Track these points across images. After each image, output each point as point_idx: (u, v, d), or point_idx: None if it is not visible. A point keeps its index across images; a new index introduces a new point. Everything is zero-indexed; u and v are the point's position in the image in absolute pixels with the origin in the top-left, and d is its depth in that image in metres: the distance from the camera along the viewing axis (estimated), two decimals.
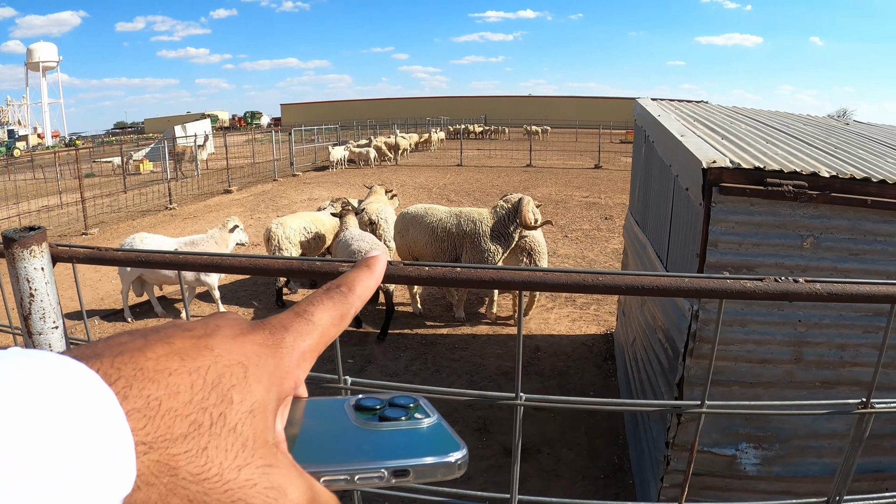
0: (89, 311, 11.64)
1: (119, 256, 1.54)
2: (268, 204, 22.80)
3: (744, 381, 4.54)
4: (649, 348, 6.02)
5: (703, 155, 4.49)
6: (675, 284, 1.13)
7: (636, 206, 8.10)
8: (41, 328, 1.48)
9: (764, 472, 4.72)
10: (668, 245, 5.79)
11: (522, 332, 5.39)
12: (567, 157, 36.33)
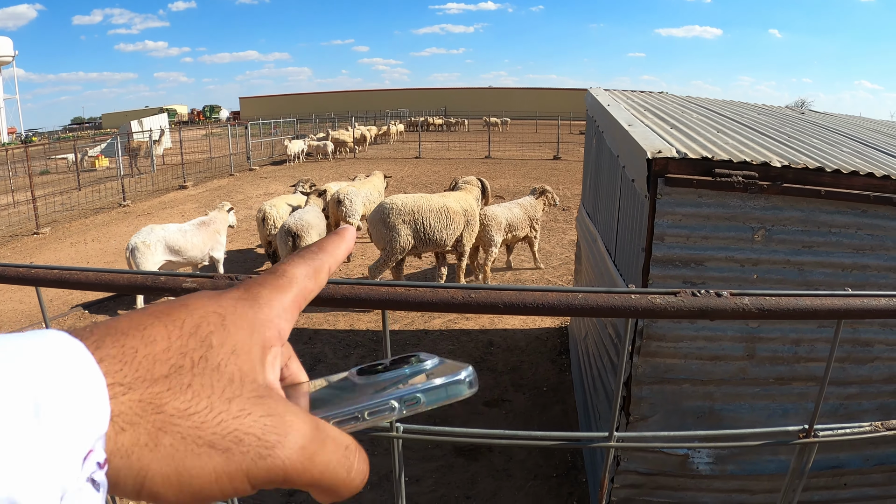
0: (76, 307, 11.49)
1: None
2: (223, 199, 22.52)
3: (695, 378, 4.42)
4: (600, 344, 5.91)
5: (649, 145, 4.35)
6: (566, 301, 0.95)
7: (588, 197, 7.99)
8: None
9: (717, 470, 4.62)
10: (615, 239, 5.66)
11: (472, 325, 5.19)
12: (526, 148, 36.34)
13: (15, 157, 31.88)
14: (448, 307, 0.99)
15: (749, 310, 0.96)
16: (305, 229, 11.15)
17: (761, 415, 4.51)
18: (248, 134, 33.84)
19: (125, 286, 1.23)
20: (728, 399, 4.50)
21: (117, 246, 16.33)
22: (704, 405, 4.51)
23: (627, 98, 8.23)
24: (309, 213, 11.94)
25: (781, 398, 4.45)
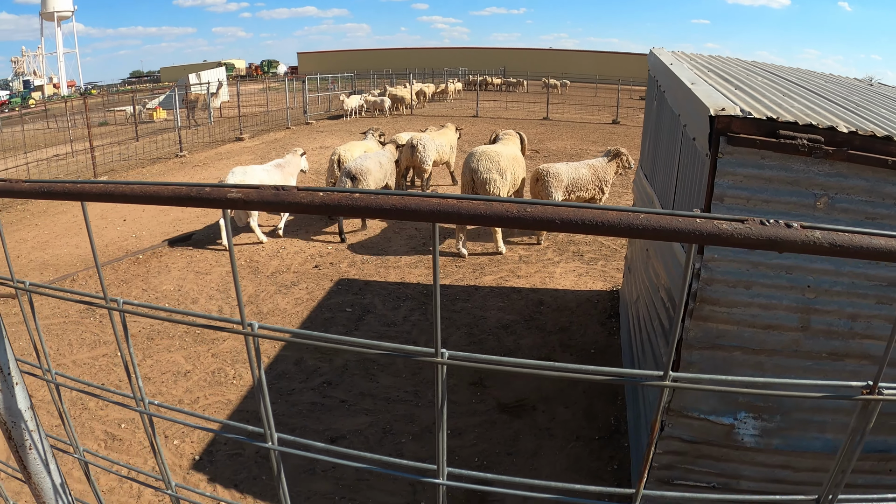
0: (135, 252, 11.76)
1: (25, 188, 1.45)
2: (279, 152, 22.69)
3: (747, 346, 4.33)
4: (651, 307, 5.83)
5: (713, 102, 4.23)
6: (626, 221, 0.90)
7: (646, 159, 7.88)
8: None
9: (763, 444, 4.54)
10: (673, 200, 5.56)
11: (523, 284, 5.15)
12: (585, 111, 35.99)
13: (74, 108, 32.45)
14: (501, 221, 0.94)
15: (819, 243, 0.90)
16: (363, 173, 12.06)
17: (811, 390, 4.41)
18: (305, 88, 33.95)
19: (170, 197, 1.22)
20: (778, 371, 4.41)
21: None
22: (754, 375, 4.43)
23: (691, 59, 8.06)
24: (370, 159, 12.62)
25: (833, 374, 4.35)
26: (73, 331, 8.92)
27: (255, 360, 1.26)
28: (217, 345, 8.30)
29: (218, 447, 6.24)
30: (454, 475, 1.25)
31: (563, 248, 11.11)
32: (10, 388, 1.60)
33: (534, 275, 9.91)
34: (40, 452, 1.70)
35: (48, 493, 1.78)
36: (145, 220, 14.25)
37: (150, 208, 15.56)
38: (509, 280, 9.86)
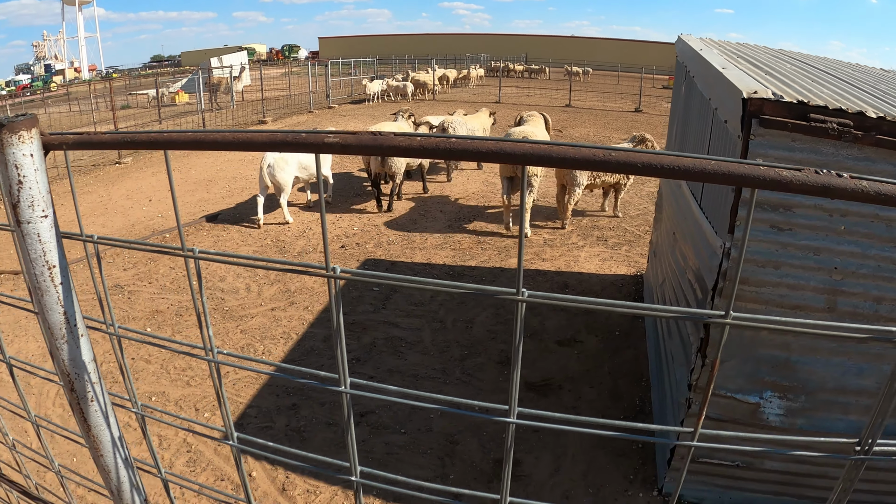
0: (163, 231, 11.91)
1: (106, 139, 1.46)
2: None
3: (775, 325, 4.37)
4: (678, 289, 5.89)
5: (745, 85, 4.30)
6: (700, 166, 0.97)
7: (673, 144, 7.92)
8: (30, 216, 1.44)
9: (787, 423, 4.61)
10: (702, 183, 5.61)
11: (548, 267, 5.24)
12: (607, 99, 35.82)
13: (97, 91, 32.62)
14: (588, 164, 1.01)
15: (867, 191, 0.97)
16: None
17: (836, 371, 4.47)
18: (328, 73, 33.99)
19: (264, 143, 1.28)
20: (804, 352, 4.46)
21: (197, 176, 16.70)
22: (780, 355, 4.49)
23: (719, 45, 8.09)
24: None
25: (857, 357, 4.40)
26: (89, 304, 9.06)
27: (336, 304, 1.33)
28: (245, 322, 8.40)
29: (248, 420, 6.35)
30: (523, 415, 1.32)
31: (587, 232, 11.15)
32: (76, 339, 1.62)
33: (558, 258, 9.96)
34: (101, 405, 1.72)
35: (106, 446, 1.79)
36: (171, 201, 14.36)
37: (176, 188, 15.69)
38: (534, 263, 9.91)
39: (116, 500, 1.92)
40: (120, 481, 1.88)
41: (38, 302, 1.53)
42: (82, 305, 1.60)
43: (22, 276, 10.23)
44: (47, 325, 1.56)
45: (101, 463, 1.82)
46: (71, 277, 1.55)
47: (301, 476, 5.59)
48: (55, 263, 1.49)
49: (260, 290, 9.35)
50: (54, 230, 1.48)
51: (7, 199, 1.43)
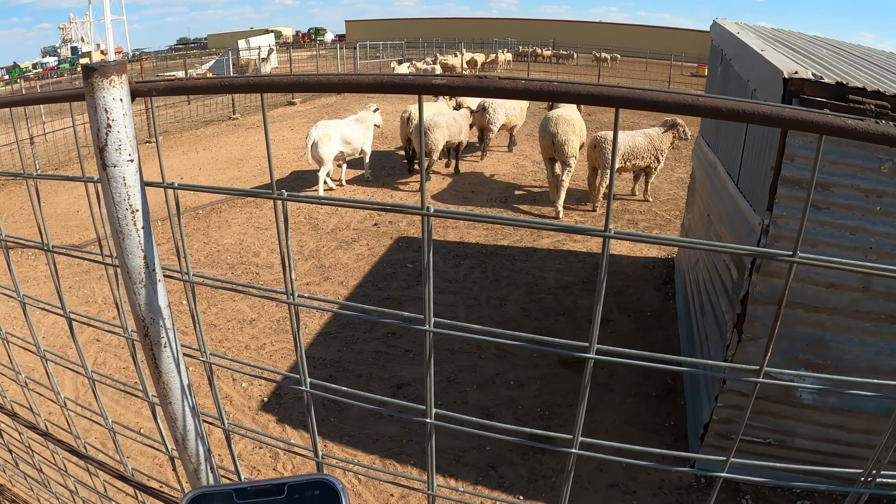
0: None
1: (200, 84, 1.52)
2: (331, 115, 22.83)
3: (809, 304, 4.45)
4: (713, 269, 5.94)
5: (785, 66, 4.36)
6: (776, 112, 1.05)
7: (708, 127, 7.94)
8: (116, 160, 1.47)
9: (819, 402, 4.67)
10: (740, 162, 5.66)
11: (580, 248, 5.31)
12: (636, 82, 35.62)
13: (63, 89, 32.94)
14: (679, 108, 1.09)
15: None
16: (433, 127, 13.32)
17: (869, 351, 4.52)
18: (356, 55, 34.08)
19: (370, 84, 1.35)
20: (838, 330, 4.51)
21: (228, 155, 16.84)
22: (815, 333, 4.54)
23: (755, 29, 8.10)
24: (443, 115, 13.73)
25: (891, 337, 4.45)
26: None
27: (427, 244, 1.40)
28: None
29: (285, 390, 6.46)
30: (602, 351, 1.39)
31: (618, 215, 11.19)
32: (153, 284, 1.65)
33: (590, 239, 9.99)
34: (173, 351, 1.75)
35: (176, 393, 1.83)
36: (202, 179, 14.54)
37: (206, 167, 15.82)
38: (566, 244, 9.97)
39: (181, 448, 1.98)
40: (186, 430, 1.92)
41: (118, 246, 1.57)
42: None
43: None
44: (126, 269, 1.60)
45: (169, 411, 1.85)
46: (150, 224, 1.59)
47: (339, 445, 5.71)
48: (138, 207, 1.53)
49: (294, 266, 9.45)
50: (139, 175, 1.53)
51: (94, 142, 1.46)
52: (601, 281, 1.26)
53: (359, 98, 27.96)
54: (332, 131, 13.08)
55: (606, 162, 10.77)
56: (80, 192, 13.81)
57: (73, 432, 3.14)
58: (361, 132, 13.78)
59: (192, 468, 2.07)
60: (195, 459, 2.04)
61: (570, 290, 8.23)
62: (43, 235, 2.14)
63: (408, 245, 10.23)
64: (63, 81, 42.57)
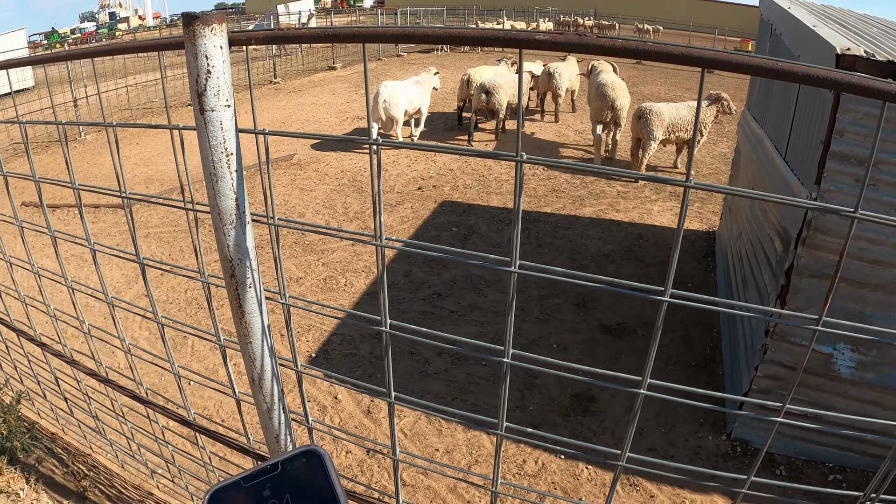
0: None
1: (301, 33, 1.62)
2: (372, 81, 22.85)
3: (852, 279, 4.51)
4: (756, 242, 6.00)
5: (838, 42, 4.40)
6: (846, 79, 1.16)
7: (755, 102, 7.95)
8: (214, 105, 1.57)
9: (857, 376, 4.72)
10: (788, 136, 5.71)
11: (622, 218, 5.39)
12: None
13: (161, 38, 33.04)
14: (760, 71, 1.18)
15: None
16: (496, 88, 13.94)
17: None
18: (397, 19, 33.98)
19: (475, 38, 1.45)
20: (879, 307, 4.57)
21: (270, 118, 16.97)
22: (856, 308, 4.60)
23: (806, 5, 8.08)
24: (504, 77, 14.38)
25: None
26: (183, 238, 9.38)
27: (518, 187, 1.51)
28: (327, 255, 8.69)
29: (332, 347, 6.63)
30: (676, 294, 1.50)
31: (660, 188, 11.18)
32: (243, 225, 1.74)
33: (632, 210, 10.05)
34: (256, 292, 1.84)
35: (256, 333, 1.94)
36: (246, 141, 14.64)
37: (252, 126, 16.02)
38: (608, 213, 10.02)
39: (256, 388, 2.07)
40: (263, 369, 2.04)
41: (211, 189, 1.66)
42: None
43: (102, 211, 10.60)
44: (218, 210, 1.69)
45: (249, 350, 1.97)
46: (242, 168, 1.70)
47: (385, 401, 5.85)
48: (233, 151, 1.63)
49: (339, 227, 9.59)
50: (234, 120, 1.62)
51: (193, 87, 1.55)
52: (679, 230, 1.37)
53: (399, 64, 28.01)
54: (399, 91, 13.80)
55: (650, 133, 10.81)
56: (125, 152, 14.03)
57: (136, 379, 3.29)
58: (421, 93, 14.40)
59: (266, 408, 2.18)
60: (269, 399, 2.14)
61: (612, 259, 8.31)
62: (121, 184, 2.27)
63: (452, 209, 10.32)
64: None
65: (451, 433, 5.45)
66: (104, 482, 4.51)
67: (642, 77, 25.13)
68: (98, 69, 23.72)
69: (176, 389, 5.91)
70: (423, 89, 14.53)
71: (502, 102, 14.15)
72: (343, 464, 5.03)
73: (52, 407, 4.78)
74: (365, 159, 13.13)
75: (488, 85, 14.11)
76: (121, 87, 20.27)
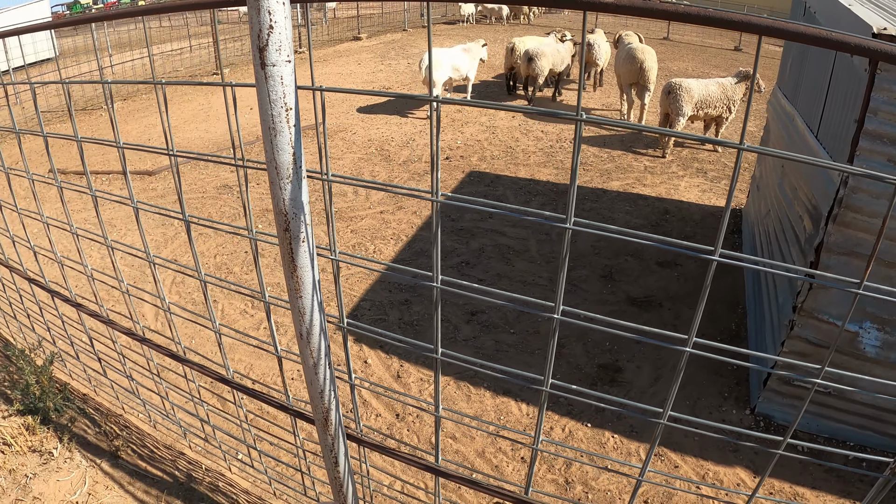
0: None
1: None
2: (398, 52, 22.88)
3: (881, 258, 4.52)
4: (785, 219, 6.02)
5: (874, 22, 4.41)
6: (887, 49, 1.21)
7: (786, 80, 7.93)
8: (276, 60, 1.60)
9: (882, 356, 4.74)
10: (821, 114, 5.71)
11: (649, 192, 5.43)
12: (706, 34, 34.80)
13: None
14: (815, 40, 1.23)
15: None
16: (539, 54, 14.62)
17: None
18: None
19: (570, 3, 1.52)
20: None
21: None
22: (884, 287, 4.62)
23: None
24: (547, 45, 15.15)
25: None
26: (211, 205, 9.47)
27: (576, 146, 1.56)
28: (355, 223, 8.77)
29: (362, 312, 6.72)
30: (725, 254, 1.56)
31: (687, 163, 11.16)
32: (299, 180, 1.78)
33: (659, 185, 10.06)
34: (309, 246, 1.89)
35: (307, 287, 1.99)
36: None
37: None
38: (635, 187, 10.04)
39: (304, 343, 2.15)
40: (312, 324, 2.10)
41: (269, 143, 1.71)
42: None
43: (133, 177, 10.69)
44: (275, 164, 1.74)
45: (299, 305, 2.04)
46: (300, 123, 1.73)
47: (414, 365, 5.94)
48: (292, 106, 1.66)
49: (368, 194, 9.67)
50: (294, 76, 1.65)
51: (255, 42, 1.58)
52: (731, 192, 1.43)
53: (423, 34, 27.91)
54: (442, 58, 14.29)
55: (679, 109, 10.78)
56: (149, 121, 14.12)
57: (174, 338, 3.37)
58: (468, 61, 14.88)
59: (312, 363, 2.23)
60: (316, 354, 2.20)
61: None
62: (168, 141, 2.34)
63: (479, 179, 10.38)
64: None
65: (480, 399, 5.54)
66: (136, 442, 4.61)
67: (670, 53, 24.94)
68: (123, 39, 23.86)
69: (207, 351, 6.01)
70: (469, 57, 14.92)
71: (544, 69, 14.75)
72: (373, 426, 5.12)
73: (85, 368, 4.87)
74: (392, 129, 13.17)
75: (532, 52, 14.79)
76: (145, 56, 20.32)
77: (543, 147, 12.09)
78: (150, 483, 4.24)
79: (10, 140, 12.38)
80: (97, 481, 4.21)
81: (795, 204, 5.70)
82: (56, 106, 15.03)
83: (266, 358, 5.98)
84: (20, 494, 4.08)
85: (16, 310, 5.32)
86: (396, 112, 14.37)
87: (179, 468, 4.40)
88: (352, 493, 2.86)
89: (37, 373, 4.73)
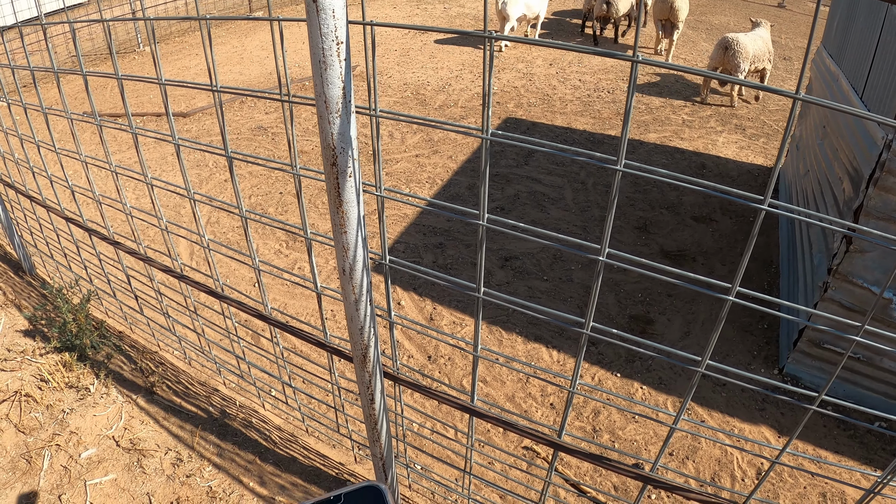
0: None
1: None
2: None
3: None
4: (824, 181, 5.99)
5: None
6: None
7: (831, 39, 7.83)
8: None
9: None
10: (867, 74, 5.65)
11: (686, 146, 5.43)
12: None
13: None
14: None
15: None
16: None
17: None
18: None
19: None
20: None
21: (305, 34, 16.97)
22: None
23: None
24: None
25: None
26: (245, 146, 9.49)
27: (631, 86, 1.57)
28: (390, 166, 8.77)
29: (396, 254, 6.75)
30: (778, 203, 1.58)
31: (725, 119, 11.02)
32: (348, 114, 1.78)
33: (696, 139, 9.95)
34: (356, 181, 1.90)
35: (352, 223, 2.02)
36: (306, 52, 14.66)
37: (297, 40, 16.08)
38: (673, 140, 9.94)
39: (346, 279, 2.19)
40: (355, 260, 2.14)
41: (319, 77, 1.70)
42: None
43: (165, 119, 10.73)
44: (324, 98, 1.73)
45: (343, 240, 2.07)
46: (350, 58, 1.72)
47: (448, 308, 5.99)
48: (343, 40, 1.65)
49: (403, 138, 9.68)
50: (346, 10, 1.64)
51: None
52: (783, 143, 1.44)
53: None
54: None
55: (737, 66, 10.63)
56: (183, 63, 14.10)
57: (213, 275, 3.42)
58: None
59: (354, 299, 2.27)
60: (358, 290, 2.24)
61: (674, 186, 8.27)
62: (212, 77, 2.36)
63: (515, 126, 10.32)
64: None
65: (511, 344, 5.59)
66: (171, 378, 4.70)
67: (711, 6, 24.48)
68: None
69: (242, 290, 6.08)
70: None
71: (620, 11, 14.97)
72: (404, 368, 5.18)
73: (121, 306, 4.95)
74: (427, 74, 13.04)
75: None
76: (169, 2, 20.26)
77: (581, 96, 11.93)
78: (185, 418, 4.35)
79: (44, 82, 12.42)
80: (133, 416, 4.32)
81: (835, 165, 5.66)
82: (88, 50, 15.01)
83: (300, 297, 6.06)
84: (57, 429, 4.19)
85: (53, 249, 5.42)
86: (432, 56, 14.25)
87: (213, 404, 4.50)
88: (385, 431, 2.92)
89: (73, 311, 4.83)
